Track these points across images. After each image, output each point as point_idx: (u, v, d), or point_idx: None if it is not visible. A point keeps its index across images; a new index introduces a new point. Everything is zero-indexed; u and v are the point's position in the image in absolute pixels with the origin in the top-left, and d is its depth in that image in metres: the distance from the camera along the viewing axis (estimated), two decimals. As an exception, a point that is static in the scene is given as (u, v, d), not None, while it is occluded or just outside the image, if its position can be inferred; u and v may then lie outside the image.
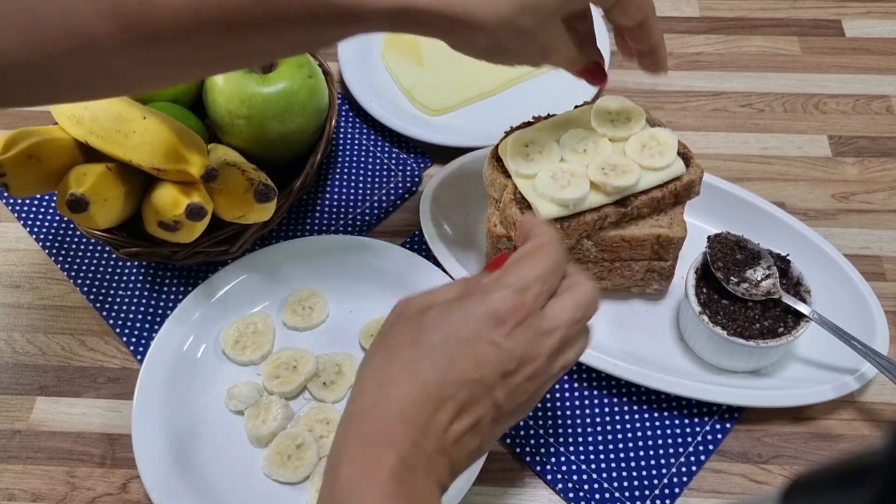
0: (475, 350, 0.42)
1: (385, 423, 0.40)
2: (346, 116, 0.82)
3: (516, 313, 0.43)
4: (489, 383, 0.42)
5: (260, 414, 0.61)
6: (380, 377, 0.42)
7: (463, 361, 0.42)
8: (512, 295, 0.43)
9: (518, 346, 0.43)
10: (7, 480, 0.61)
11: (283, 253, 0.69)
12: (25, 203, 0.76)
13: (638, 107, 0.63)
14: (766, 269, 0.62)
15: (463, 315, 0.43)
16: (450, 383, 0.41)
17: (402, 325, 0.44)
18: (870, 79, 0.84)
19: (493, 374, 0.42)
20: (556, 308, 0.44)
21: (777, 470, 0.61)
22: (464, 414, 0.42)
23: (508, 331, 0.42)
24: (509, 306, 0.43)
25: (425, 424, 0.41)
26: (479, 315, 0.43)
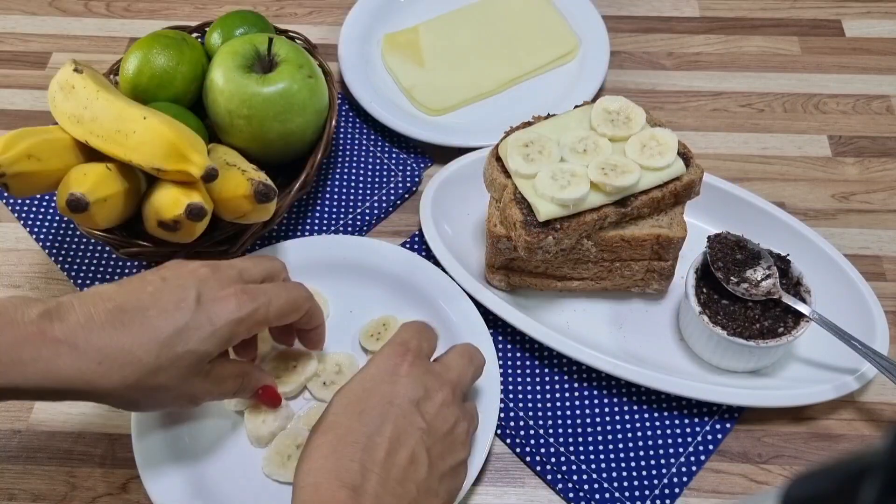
0: (382, 391, 0.49)
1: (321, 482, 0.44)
2: (346, 116, 0.82)
3: (405, 357, 0.51)
4: (405, 411, 0.48)
5: (260, 414, 0.61)
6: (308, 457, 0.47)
7: (375, 402, 0.48)
8: (395, 346, 0.52)
9: (418, 377, 0.50)
10: (7, 480, 0.61)
11: (283, 253, 0.69)
12: (25, 203, 0.76)
13: (638, 107, 0.63)
14: (766, 269, 0.62)
15: (359, 380, 0.50)
16: (370, 423, 0.47)
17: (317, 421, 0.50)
18: (870, 79, 0.84)
19: (406, 403, 0.48)
20: (446, 358, 0.54)
21: (777, 470, 0.61)
22: (398, 445, 0.47)
23: (406, 370, 0.50)
24: (396, 354, 0.51)
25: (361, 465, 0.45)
26: (375, 365, 0.51)
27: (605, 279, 0.66)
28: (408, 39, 0.86)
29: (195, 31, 0.79)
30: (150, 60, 0.69)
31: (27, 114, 0.83)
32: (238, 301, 0.50)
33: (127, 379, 0.47)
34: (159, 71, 0.69)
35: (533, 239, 0.58)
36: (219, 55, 0.69)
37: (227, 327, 0.49)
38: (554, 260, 0.63)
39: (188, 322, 0.48)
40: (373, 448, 0.46)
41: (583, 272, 0.65)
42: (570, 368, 0.65)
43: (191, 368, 0.49)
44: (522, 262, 0.65)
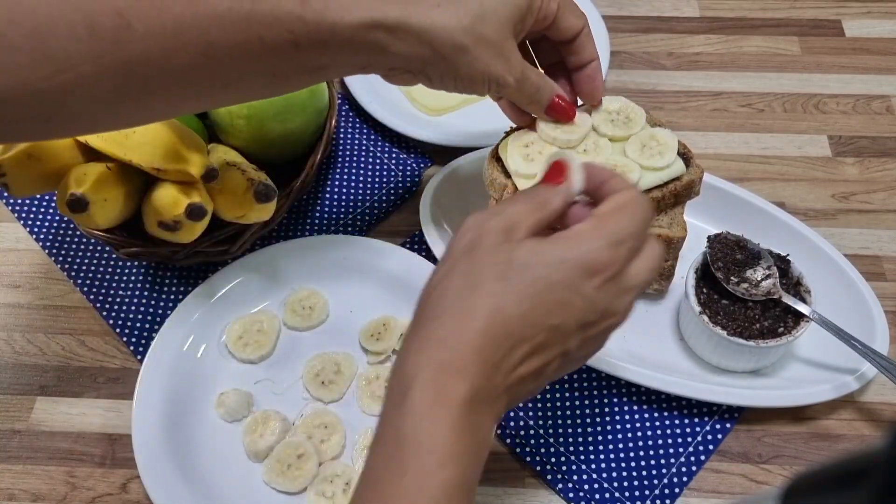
0: (563, 297, 0.42)
1: (461, 354, 0.40)
2: (346, 116, 0.82)
3: (609, 268, 0.43)
4: (567, 331, 0.43)
5: (257, 428, 0.61)
6: (460, 306, 0.41)
7: (548, 306, 0.42)
8: (608, 248, 0.42)
9: (603, 300, 0.43)
10: (7, 480, 0.61)
11: (283, 253, 0.69)
12: (25, 203, 0.76)
13: (638, 107, 0.63)
14: (766, 269, 0.62)
15: (557, 260, 0.42)
16: (531, 325, 0.41)
17: (485, 254, 0.43)
18: (870, 79, 0.84)
19: (573, 324, 0.43)
20: (637, 267, 0.45)
21: (777, 470, 0.61)
22: (534, 356, 0.42)
23: (598, 284, 0.42)
24: (604, 260, 0.42)
25: (499, 361, 0.41)
26: (573, 263, 0.42)
27: (605, 279, 0.66)
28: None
29: (195, 31, 0.79)
30: (150, 60, 0.69)
31: (27, 114, 0.83)
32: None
33: (462, 20, 0.49)
34: (159, 71, 0.69)
35: (533, 239, 0.58)
36: (219, 55, 0.69)
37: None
38: (554, 260, 0.63)
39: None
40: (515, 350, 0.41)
41: (583, 272, 0.65)
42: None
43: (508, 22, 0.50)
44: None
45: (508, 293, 0.41)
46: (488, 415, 0.41)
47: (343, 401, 0.63)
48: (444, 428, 0.38)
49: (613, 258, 0.42)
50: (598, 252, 0.42)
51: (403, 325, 0.66)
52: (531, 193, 0.46)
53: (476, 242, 0.43)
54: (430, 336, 0.41)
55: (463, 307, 0.41)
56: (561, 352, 0.43)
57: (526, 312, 0.41)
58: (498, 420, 0.42)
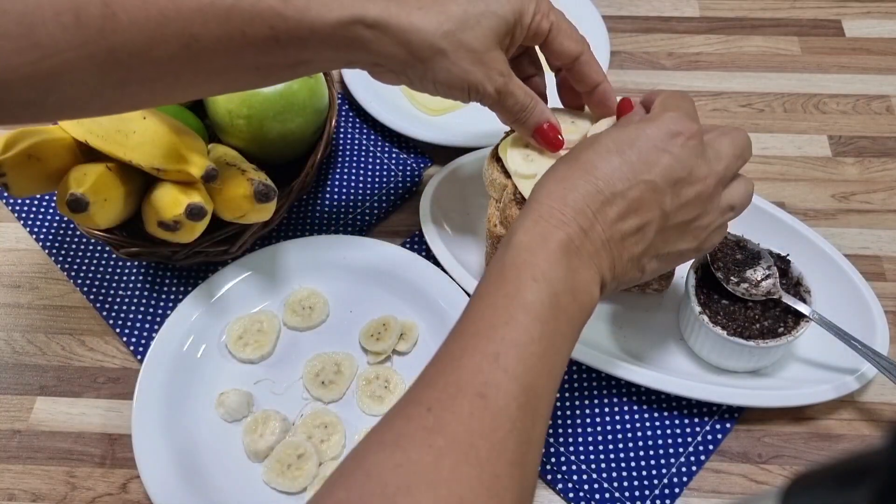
0: (649, 154, 0.47)
1: (558, 208, 0.45)
2: (346, 116, 0.82)
3: (688, 130, 0.48)
4: (659, 187, 0.47)
5: (257, 428, 0.61)
6: (559, 177, 0.47)
7: (636, 162, 0.47)
8: (683, 117, 0.49)
9: (689, 157, 0.48)
10: (7, 480, 0.61)
11: (283, 253, 0.69)
12: (25, 203, 0.76)
13: (638, 107, 0.63)
14: (766, 269, 0.62)
15: (640, 130, 0.48)
16: (621, 179, 0.47)
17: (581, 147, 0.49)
18: (870, 79, 0.84)
19: (663, 179, 0.47)
20: (718, 140, 0.51)
21: (777, 470, 0.61)
22: (632, 213, 0.47)
23: (682, 142, 0.48)
24: (682, 124, 0.48)
25: (594, 214, 0.46)
26: (655, 128, 0.48)
27: (605, 279, 0.66)
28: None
29: (195, 31, 0.79)
30: (150, 60, 0.69)
31: (27, 114, 0.83)
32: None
33: (442, 25, 0.49)
34: (159, 71, 0.69)
35: (533, 239, 0.58)
36: (219, 55, 0.69)
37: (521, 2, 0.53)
38: (554, 260, 0.63)
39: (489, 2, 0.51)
40: (610, 205, 0.46)
41: (583, 272, 0.65)
42: (571, 368, 0.65)
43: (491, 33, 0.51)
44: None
45: (598, 157, 0.47)
46: (589, 264, 0.46)
47: (343, 401, 0.63)
48: (539, 258, 0.44)
49: (689, 123, 0.48)
50: (675, 119, 0.48)
51: (403, 325, 0.66)
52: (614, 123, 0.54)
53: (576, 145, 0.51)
54: (534, 198, 0.47)
55: (561, 177, 0.47)
56: (659, 212, 0.47)
57: (615, 169, 0.47)
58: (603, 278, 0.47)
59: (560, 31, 0.55)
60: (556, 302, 0.43)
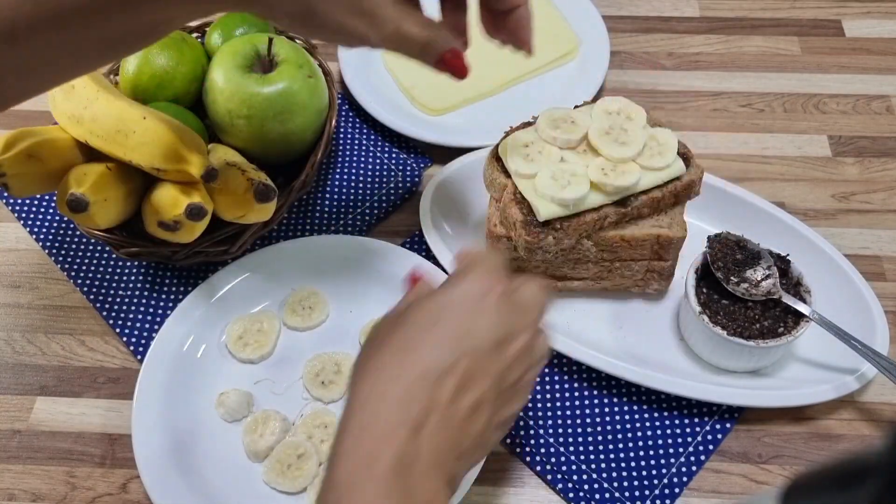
0: (464, 322, 0.43)
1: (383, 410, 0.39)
2: (346, 116, 0.82)
3: (495, 287, 0.44)
4: (485, 352, 0.42)
5: (257, 428, 0.61)
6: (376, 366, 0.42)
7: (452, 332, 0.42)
8: (486, 274, 0.45)
9: (504, 315, 0.44)
10: (7, 480, 0.61)
11: (283, 253, 0.69)
12: (25, 203, 0.76)
13: (638, 107, 0.63)
14: (766, 269, 0.62)
15: (445, 299, 0.44)
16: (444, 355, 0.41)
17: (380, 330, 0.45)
18: (870, 79, 0.84)
19: (487, 343, 0.43)
20: (525, 290, 0.46)
21: (777, 470, 0.61)
22: (466, 389, 0.41)
23: (494, 300, 0.44)
24: (487, 282, 0.44)
25: (426, 406, 0.40)
26: (459, 294, 0.44)
27: (605, 279, 0.66)
28: (408, 39, 0.86)
29: (195, 31, 0.79)
30: (150, 60, 0.69)
31: (27, 114, 0.83)
32: None
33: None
34: (159, 71, 0.69)
35: (533, 239, 0.58)
36: (219, 55, 0.69)
37: None
38: (554, 260, 0.63)
39: None
40: (441, 386, 0.40)
41: (583, 272, 0.65)
42: (570, 368, 0.65)
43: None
44: (522, 262, 0.65)
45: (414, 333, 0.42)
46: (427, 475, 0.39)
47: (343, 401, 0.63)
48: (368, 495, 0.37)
49: (493, 280, 0.45)
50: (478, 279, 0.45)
51: (403, 325, 0.66)
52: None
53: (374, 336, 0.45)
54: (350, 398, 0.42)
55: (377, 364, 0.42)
56: (491, 379, 0.42)
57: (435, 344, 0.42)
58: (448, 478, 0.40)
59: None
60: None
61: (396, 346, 0.42)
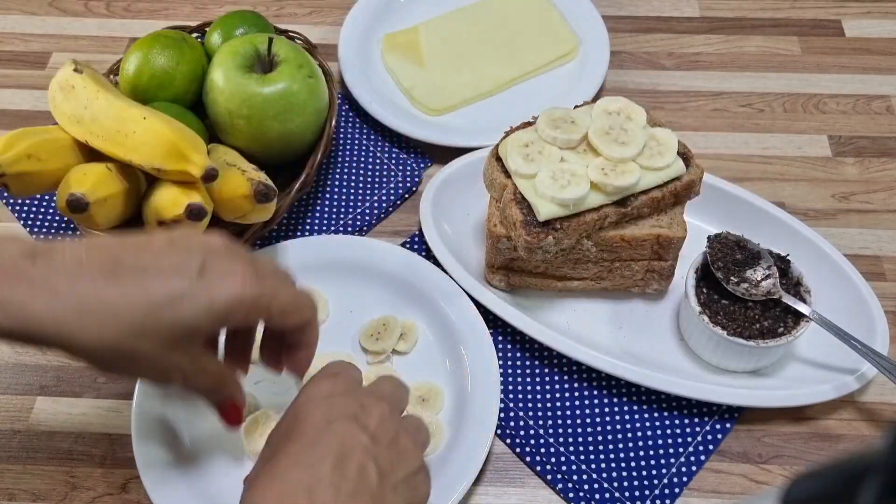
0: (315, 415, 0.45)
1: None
2: (346, 116, 0.82)
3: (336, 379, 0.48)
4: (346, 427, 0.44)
5: (257, 428, 0.61)
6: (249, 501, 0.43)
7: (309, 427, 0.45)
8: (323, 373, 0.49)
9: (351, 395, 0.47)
10: (7, 480, 0.61)
11: (283, 253, 0.69)
12: (25, 203, 0.76)
13: (638, 107, 0.63)
14: (766, 269, 0.62)
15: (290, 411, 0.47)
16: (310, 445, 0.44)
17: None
18: (870, 79, 0.84)
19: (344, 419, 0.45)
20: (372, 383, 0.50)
21: (777, 470, 0.61)
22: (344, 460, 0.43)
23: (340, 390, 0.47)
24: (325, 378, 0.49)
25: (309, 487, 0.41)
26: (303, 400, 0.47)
27: (605, 279, 0.66)
28: (408, 39, 0.86)
29: (195, 31, 0.79)
30: (150, 60, 0.69)
31: (27, 114, 0.83)
32: (244, 281, 0.45)
33: (104, 338, 0.41)
34: (159, 71, 0.69)
35: (533, 239, 0.58)
36: (219, 55, 0.69)
37: (225, 306, 0.44)
38: (554, 260, 0.63)
39: (185, 291, 0.43)
40: (319, 466, 0.41)
41: (583, 272, 0.65)
42: (570, 368, 0.65)
43: (175, 341, 0.44)
44: (522, 262, 0.65)
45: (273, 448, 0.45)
46: None
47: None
48: None
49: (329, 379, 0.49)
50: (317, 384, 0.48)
51: (403, 324, 0.66)
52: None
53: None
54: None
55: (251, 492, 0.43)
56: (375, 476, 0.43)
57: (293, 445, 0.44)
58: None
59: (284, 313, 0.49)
60: None
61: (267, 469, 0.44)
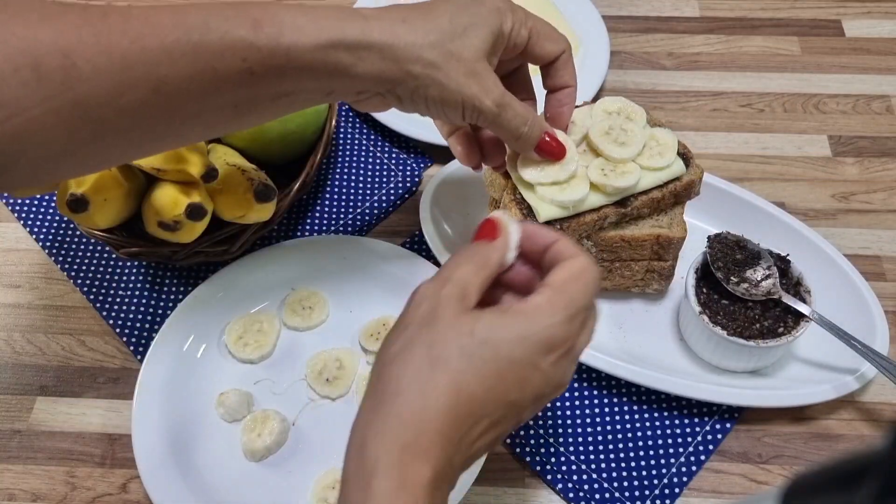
0: (523, 374, 0.42)
1: (425, 435, 0.39)
2: (346, 116, 0.82)
3: (565, 343, 0.43)
4: (523, 405, 0.43)
5: (256, 427, 0.61)
6: (422, 383, 0.40)
7: (509, 383, 0.41)
8: (565, 324, 0.43)
9: (558, 374, 0.43)
10: (7, 480, 0.61)
11: (283, 253, 0.69)
12: (25, 203, 0.76)
13: (638, 107, 0.63)
14: (766, 269, 0.62)
15: (518, 337, 0.42)
16: (492, 402, 0.41)
17: (445, 327, 0.42)
18: (870, 79, 0.84)
19: (530, 398, 0.43)
20: (584, 339, 0.45)
21: (777, 470, 0.61)
22: (492, 430, 0.42)
23: (555, 360, 0.43)
24: (562, 336, 0.42)
25: (460, 439, 0.40)
26: (533, 340, 0.42)
27: (606, 279, 0.66)
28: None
29: (195, 31, 0.79)
30: (150, 60, 0.69)
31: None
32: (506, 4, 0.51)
33: (429, 34, 0.47)
34: (159, 71, 0.69)
35: (533, 239, 0.58)
36: (219, 55, 0.69)
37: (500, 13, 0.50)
38: (554, 260, 0.63)
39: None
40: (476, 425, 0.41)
41: (583, 272, 0.65)
42: (570, 368, 0.65)
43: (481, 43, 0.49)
44: (522, 262, 0.65)
45: (471, 371, 0.41)
46: (447, 490, 0.41)
47: (344, 399, 0.63)
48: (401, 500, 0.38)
49: (569, 333, 0.43)
50: (556, 328, 0.42)
51: (403, 325, 0.66)
52: (470, 253, 0.45)
53: (434, 314, 0.42)
54: (391, 415, 0.40)
55: (426, 386, 0.40)
56: (515, 423, 0.43)
57: (488, 391, 0.41)
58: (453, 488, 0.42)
59: (539, 35, 0.53)
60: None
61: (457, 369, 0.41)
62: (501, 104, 0.50)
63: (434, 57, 0.47)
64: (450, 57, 0.48)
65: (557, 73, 0.55)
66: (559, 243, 0.45)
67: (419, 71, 0.47)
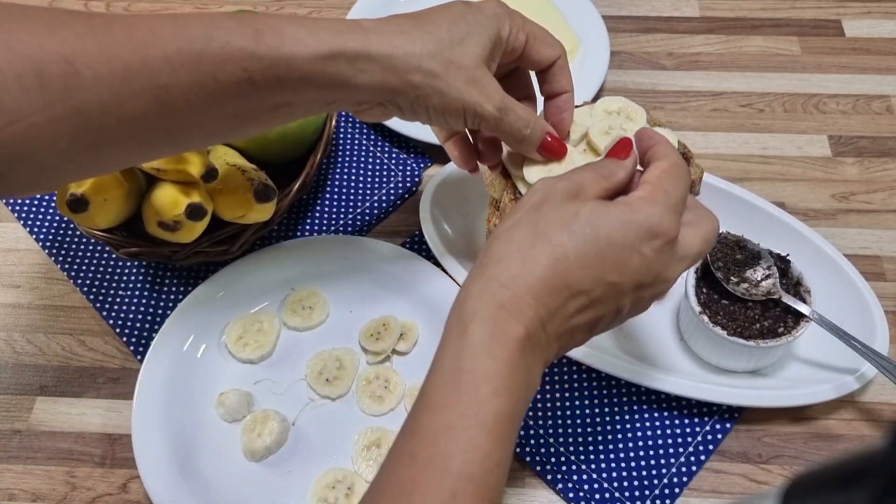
0: (624, 256, 0.44)
1: (521, 297, 0.42)
2: (346, 116, 0.82)
3: (667, 234, 0.44)
4: (623, 289, 0.44)
5: (255, 427, 0.61)
6: (524, 252, 0.43)
7: (609, 263, 0.43)
8: (668, 213, 0.45)
9: (660, 263, 0.45)
10: (7, 480, 0.61)
11: (283, 253, 0.69)
12: (25, 203, 0.76)
13: (638, 107, 0.63)
14: (766, 269, 0.62)
15: (621, 222, 0.44)
16: (590, 278, 0.43)
17: (552, 209, 0.44)
18: (870, 79, 0.84)
19: (630, 282, 0.44)
20: (691, 237, 0.47)
21: (777, 470, 0.61)
22: (590, 309, 0.44)
23: (658, 247, 0.44)
24: (662, 225, 0.44)
25: (555, 309, 0.43)
26: (636, 225, 0.44)
27: (605, 279, 0.66)
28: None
29: (195, 31, 0.79)
30: (150, 60, 0.69)
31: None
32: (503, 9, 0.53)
33: (427, 45, 0.48)
34: (159, 71, 0.69)
35: (533, 239, 0.58)
36: (219, 55, 0.69)
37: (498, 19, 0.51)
38: (554, 260, 0.63)
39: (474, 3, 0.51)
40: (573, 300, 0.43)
41: (583, 272, 0.65)
42: (570, 368, 0.65)
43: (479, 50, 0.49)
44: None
45: (572, 245, 0.43)
46: (539, 358, 0.43)
47: (344, 399, 0.63)
48: (500, 362, 0.40)
49: (670, 223, 0.44)
50: (656, 217, 0.44)
51: (403, 324, 0.66)
52: (599, 165, 0.48)
53: (545, 200, 0.45)
54: (492, 277, 0.42)
55: (527, 254, 0.43)
56: (615, 308, 0.45)
57: (587, 266, 0.43)
58: (547, 365, 0.44)
59: (536, 40, 0.53)
60: (516, 413, 0.41)
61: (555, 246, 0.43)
62: (503, 109, 0.51)
63: (434, 66, 0.48)
64: (449, 65, 0.48)
65: (554, 78, 0.56)
66: (657, 146, 0.48)
67: (419, 80, 0.48)
